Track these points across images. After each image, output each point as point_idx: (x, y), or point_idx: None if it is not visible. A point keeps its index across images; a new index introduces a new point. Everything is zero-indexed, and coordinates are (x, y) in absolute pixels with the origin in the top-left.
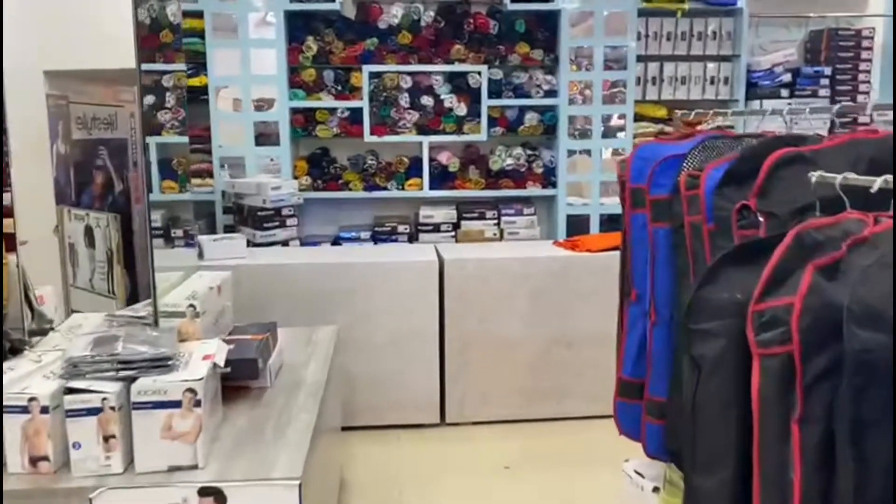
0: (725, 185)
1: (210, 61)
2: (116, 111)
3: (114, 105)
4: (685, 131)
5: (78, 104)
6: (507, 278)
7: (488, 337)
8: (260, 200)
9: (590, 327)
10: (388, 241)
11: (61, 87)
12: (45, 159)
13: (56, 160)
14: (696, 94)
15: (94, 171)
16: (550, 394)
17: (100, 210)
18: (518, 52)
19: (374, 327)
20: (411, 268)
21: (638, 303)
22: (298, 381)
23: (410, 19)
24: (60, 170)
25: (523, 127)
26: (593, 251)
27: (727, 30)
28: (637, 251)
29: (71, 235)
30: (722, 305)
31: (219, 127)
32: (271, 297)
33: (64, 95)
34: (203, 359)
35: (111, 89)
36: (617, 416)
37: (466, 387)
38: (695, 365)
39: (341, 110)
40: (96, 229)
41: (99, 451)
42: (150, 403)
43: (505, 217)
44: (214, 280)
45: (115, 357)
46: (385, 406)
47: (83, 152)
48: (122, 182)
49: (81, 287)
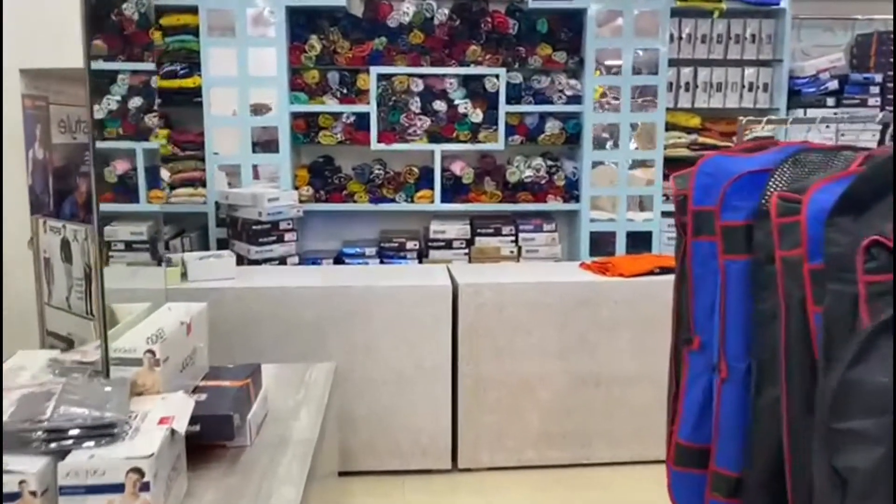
0: (841, 213)
1: (204, 61)
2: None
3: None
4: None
5: (60, 105)
6: (528, 306)
7: (506, 372)
8: (255, 213)
9: (621, 363)
10: (395, 258)
11: (40, 86)
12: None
13: (32, 166)
14: (733, 101)
15: (77, 179)
16: (575, 438)
17: (82, 221)
18: (539, 54)
19: (377, 360)
20: (420, 293)
21: (701, 352)
22: (285, 438)
23: (423, 17)
24: (37, 177)
25: (544, 135)
26: (626, 276)
27: (767, 32)
28: (701, 289)
29: (46, 249)
30: (881, 396)
31: (213, 132)
32: (261, 324)
33: (43, 96)
34: (159, 422)
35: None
36: (671, 486)
37: (481, 428)
38: (839, 480)
39: (346, 115)
40: (73, 243)
41: None
42: (83, 488)
43: (523, 233)
44: (185, 315)
45: (41, 424)
46: (388, 449)
47: (65, 158)
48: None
49: (57, 306)
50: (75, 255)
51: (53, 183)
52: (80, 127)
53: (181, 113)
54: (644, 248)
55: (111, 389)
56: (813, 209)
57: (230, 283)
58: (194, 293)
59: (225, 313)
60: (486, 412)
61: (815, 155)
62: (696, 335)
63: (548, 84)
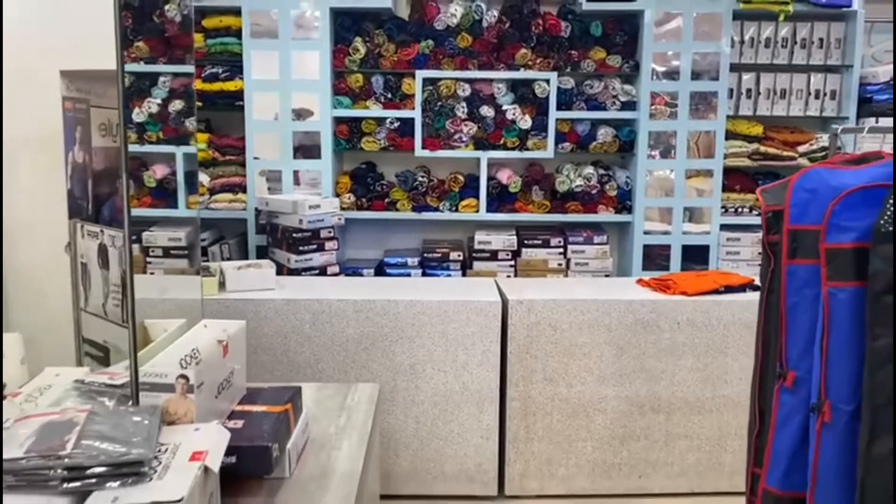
0: None
1: (246, 63)
2: None
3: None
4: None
5: (101, 108)
6: (583, 325)
7: (559, 396)
8: (296, 220)
9: (683, 390)
10: (438, 269)
11: (81, 89)
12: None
13: (71, 170)
14: (797, 109)
15: (117, 183)
16: (631, 467)
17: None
18: (592, 58)
19: (421, 380)
20: (468, 309)
21: (796, 390)
22: (327, 470)
23: (471, 19)
24: (76, 180)
25: (596, 143)
26: (690, 295)
27: (836, 36)
28: (797, 318)
29: (84, 254)
30: None
31: (254, 137)
32: (300, 339)
33: (84, 99)
34: (191, 458)
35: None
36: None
37: (530, 455)
38: None
39: (390, 121)
40: (111, 248)
41: None
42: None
43: (572, 245)
44: (223, 333)
45: (61, 461)
46: (432, 474)
47: (105, 162)
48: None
49: (93, 312)
50: (112, 262)
51: (92, 187)
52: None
53: (222, 117)
54: (700, 262)
55: (140, 419)
56: None
57: (269, 295)
58: (232, 304)
59: (263, 327)
60: (537, 438)
61: None
62: (790, 370)
63: (601, 89)
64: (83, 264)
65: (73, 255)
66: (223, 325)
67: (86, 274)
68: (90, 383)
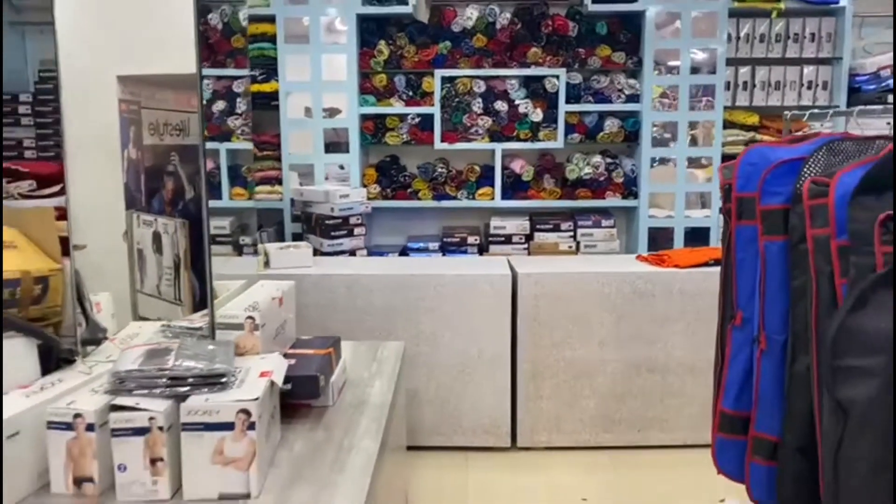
0: (863, 194)
1: (281, 66)
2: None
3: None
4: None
5: (150, 109)
6: (586, 295)
7: (563, 359)
8: (328, 209)
9: (676, 352)
10: (457, 252)
11: (134, 92)
12: (116, 164)
13: (127, 165)
14: (791, 99)
15: (165, 177)
16: (630, 422)
17: (169, 216)
18: (599, 55)
19: (441, 345)
20: (482, 282)
21: (743, 327)
22: (362, 401)
23: (485, 22)
24: (131, 175)
25: (603, 134)
26: (682, 267)
27: (827, 31)
28: (743, 268)
29: (139, 241)
30: (876, 337)
31: (289, 133)
32: (335, 308)
33: (136, 101)
34: (260, 376)
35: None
36: (716, 452)
37: (539, 412)
38: (840, 410)
39: (412, 116)
40: (164, 235)
41: (146, 474)
42: (201, 425)
43: (581, 229)
44: (277, 290)
45: (165, 372)
46: (452, 427)
47: (154, 158)
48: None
49: (148, 293)
50: (165, 247)
51: (144, 181)
52: (167, 129)
53: (259, 116)
54: (702, 243)
55: (219, 348)
56: (840, 191)
57: (307, 271)
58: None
59: (302, 298)
60: (545, 396)
61: (849, 144)
62: (740, 312)
63: (607, 84)
64: (139, 250)
65: (129, 242)
66: (277, 284)
67: (141, 259)
68: (174, 327)
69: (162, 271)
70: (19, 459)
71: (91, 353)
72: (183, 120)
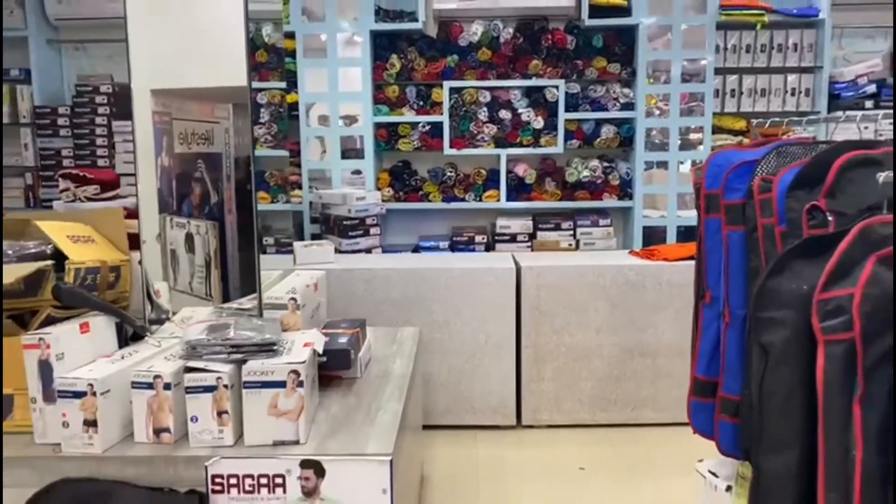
0: (797, 188)
1: (301, 80)
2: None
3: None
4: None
5: (179, 120)
6: (583, 287)
7: (563, 345)
8: (345, 210)
9: (665, 337)
10: (465, 250)
11: (166, 104)
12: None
13: (160, 172)
14: (777, 105)
15: (192, 183)
16: (625, 402)
17: (199, 218)
18: (595, 67)
19: (451, 332)
20: (489, 274)
21: (712, 305)
22: (386, 374)
23: (490, 36)
24: (164, 181)
25: (600, 139)
26: (670, 260)
27: (809, 41)
28: (711, 255)
29: (172, 242)
30: (789, 295)
31: (309, 141)
32: (356, 300)
33: (167, 112)
34: (304, 346)
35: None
36: (691, 413)
37: (541, 393)
38: (762, 352)
39: (422, 125)
40: (196, 236)
41: (213, 424)
42: (259, 383)
43: (581, 228)
44: (311, 278)
45: (228, 342)
46: (462, 407)
47: (183, 165)
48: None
49: (181, 290)
50: (197, 247)
51: (176, 186)
52: (194, 138)
53: None
54: (693, 241)
55: (267, 324)
56: (780, 187)
57: (330, 266)
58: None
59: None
60: (546, 379)
61: (796, 148)
62: (709, 291)
63: (603, 93)
64: (172, 250)
65: (163, 243)
66: (311, 273)
67: (174, 258)
68: (227, 308)
69: (194, 269)
70: (110, 413)
71: (156, 331)
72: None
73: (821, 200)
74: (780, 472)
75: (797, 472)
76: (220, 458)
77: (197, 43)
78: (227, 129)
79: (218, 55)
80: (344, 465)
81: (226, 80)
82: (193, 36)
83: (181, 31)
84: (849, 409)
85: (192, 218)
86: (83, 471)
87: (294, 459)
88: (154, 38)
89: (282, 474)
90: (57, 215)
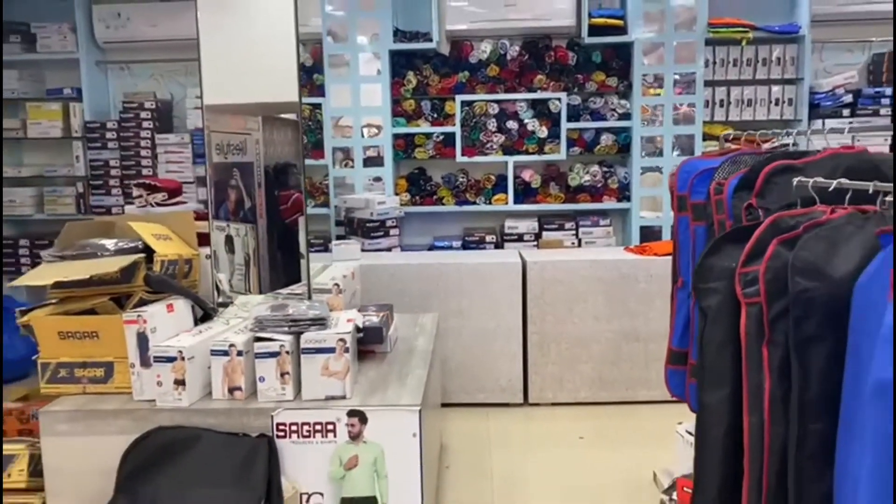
0: (740, 190)
1: (327, 95)
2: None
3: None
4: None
5: (217, 132)
6: (583, 279)
7: (565, 331)
8: (368, 213)
9: (656, 324)
10: (476, 249)
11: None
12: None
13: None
14: (762, 114)
15: (228, 190)
16: (620, 382)
17: (235, 222)
18: (594, 80)
19: (465, 320)
20: (498, 269)
21: (683, 288)
22: (412, 349)
23: (498, 54)
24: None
25: (599, 147)
26: (660, 255)
27: (791, 55)
28: (682, 246)
29: (214, 244)
30: (721, 270)
31: (333, 151)
32: (380, 291)
33: (207, 126)
34: (347, 321)
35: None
36: (667, 380)
37: (546, 374)
38: (703, 314)
39: (437, 135)
40: (236, 238)
41: (277, 383)
42: (313, 349)
43: (582, 228)
44: (348, 268)
45: (289, 317)
46: (475, 387)
47: (220, 174)
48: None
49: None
50: (237, 248)
51: (214, 193)
52: (230, 149)
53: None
54: None
55: (317, 304)
56: (729, 189)
57: (357, 262)
58: None
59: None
60: (550, 361)
61: (748, 157)
62: (681, 277)
63: (602, 104)
64: (213, 251)
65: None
66: (346, 264)
67: (216, 258)
68: (281, 294)
69: (234, 268)
70: (194, 375)
71: (222, 313)
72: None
73: (753, 199)
74: (717, 405)
75: (730, 403)
76: (282, 409)
77: (251, 62)
78: (258, 140)
79: (271, 73)
80: (382, 414)
81: (277, 97)
82: (248, 57)
83: (236, 51)
84: (761, 352)
85: (229, 221)
86: (174, 420)
87: (342, 410)
88: (211, 58)
89: (332, 422)
90: (138, 217)
